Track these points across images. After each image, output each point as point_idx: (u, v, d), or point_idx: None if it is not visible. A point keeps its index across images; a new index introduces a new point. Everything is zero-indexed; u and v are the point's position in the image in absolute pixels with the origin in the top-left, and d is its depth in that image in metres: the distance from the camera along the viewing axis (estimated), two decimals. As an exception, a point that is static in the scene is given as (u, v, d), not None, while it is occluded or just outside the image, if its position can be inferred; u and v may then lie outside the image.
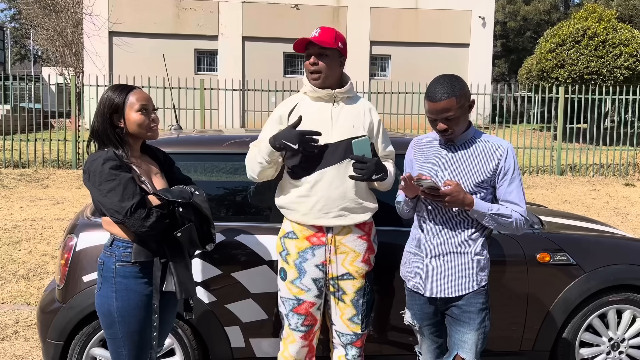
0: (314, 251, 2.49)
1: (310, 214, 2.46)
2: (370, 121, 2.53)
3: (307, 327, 2.53)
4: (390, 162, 2.60)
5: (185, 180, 2.35)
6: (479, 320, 2.28)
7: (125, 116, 2.16)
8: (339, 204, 2.44)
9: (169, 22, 21.09)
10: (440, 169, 2.28)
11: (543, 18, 35.15)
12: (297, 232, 2.51)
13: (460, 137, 2.27)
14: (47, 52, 23.69)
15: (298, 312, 2.52)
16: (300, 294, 2.50)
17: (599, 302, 3.05)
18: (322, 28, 2.45)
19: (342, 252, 2.50)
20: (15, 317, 4.18)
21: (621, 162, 12.92)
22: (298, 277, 2.50)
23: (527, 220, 2.28)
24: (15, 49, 48.72)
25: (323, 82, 2.45)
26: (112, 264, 2.13)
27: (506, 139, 13.56)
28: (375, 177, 2.36)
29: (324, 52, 2.42)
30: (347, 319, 2.54)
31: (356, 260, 2.52)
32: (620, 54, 16.72)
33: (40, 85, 13.14)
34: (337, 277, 2.51)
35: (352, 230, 2.50)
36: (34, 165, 12.01)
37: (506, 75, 38.79)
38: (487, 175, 2.23)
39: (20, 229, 6.81)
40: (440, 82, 2.18)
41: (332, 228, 2.48)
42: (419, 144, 2.43)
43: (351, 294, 2.53)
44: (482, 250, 2.30)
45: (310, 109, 2.49)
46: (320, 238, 2.48)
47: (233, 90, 12.58)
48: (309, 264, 2.49)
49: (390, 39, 21.92)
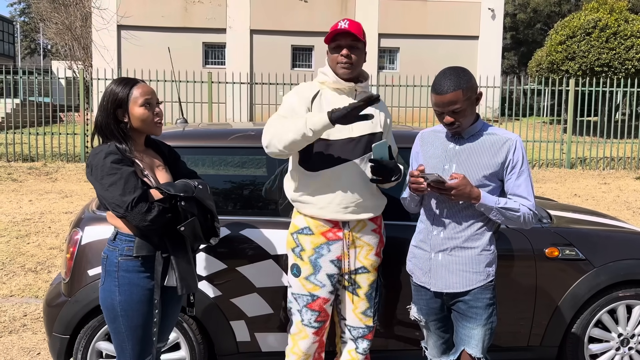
0: (329, 246, 2.47)
1: (328, 207, 2.42)
2: (384, 117, 2.53)
3: (320, 322, 2.52)
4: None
5: (190, 174, 2.34)
6: (486, 315, 2.26)
7: (129, 111, 2.14)
8: (356, 198, 2.43)
9: (177, 16, 21.09)
10: (447, 162, 2.25)
11: (554, 10, 34.77)
12: (312, 228, 2.47)
13: (468, 130, 2.24)
14: (56, 46, 23.78)
15: (312, 308, 2.50)
16: (314, 290, 2.48)
17: (608, 297, 3.01)
18: (350, 20, 2.42)
19: (357, 246, 2.50)
20: (24, 310, 4.20)
21: (632, 155, 12.78)
22: (313, 273, 2.48)
23: (536, 215, 2.25)
24: (25, 42, 49.01)
25: (352, 74, 2.43)
26: (116, 258, 2.12)
27: (515, 131, 13.46)
28: (393, 179, 2.36)
29: (355, 45, 2.40)
30: (360, 312, 2.55)
31: (370, 254, 2.52)
32: (632, 45, 16.51)
33: (49, 79, 13.20)
34: (353, 272, 2.51)
35: (366, 225, 2.51)
36: (43, 159, 12.08)
37: (516, 67, 38.47)
38: (494, 168, 2.19)
39: (29, 222, 6.85)
40: (446, 75, 2.15)
41: (349, 223, 2.47)
42: (425, 136, 2.40)
43: (365, 288, 2.53)
44: (490, 245, 2.27)
45: (334, 100, 2.46)
46: (337, 233, 2.46)
47: (241, 84, 12.56)
48: (324, 260, 2.47)
49: (398, 31, 21.79)
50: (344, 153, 2.40)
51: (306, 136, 2.25)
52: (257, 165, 3.57)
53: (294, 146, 2.30)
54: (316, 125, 2.23)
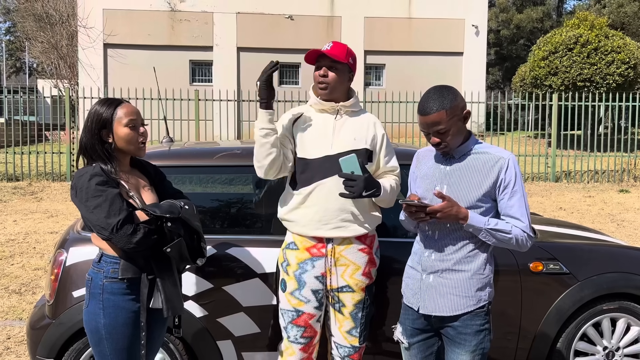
0: (313, 262, 2.48)
1: (309, 225, 2.45)
2: (374, 135, 2.52)
3: (306, 339, 2.51)
4: (391, 178, 2.56)
5: (176, 195, 2.33)
6: (476, 342, 2.19)
7: (113, 131, 2.14)
8: (337, 214, 2.43)
9: (163, 34, 21.13)
10: (438, 183, 2.21)
11: (536, 26, 35.39)
12: (297, 243, 2.51)
13: (459, 149, 2.19)
14: (42, 65, 23.70)
15: (297, 323, 2.50)
16: (299, 306, 2.49)
17: (593, 310, 3.04)
18: (335, 42, 2.49)
19: (342, 264, 2.49)
20: (7, 332, 4.14)
21: (615, 168, 12.96)
22: (297, 288, 2.49)
23: (531, 237, 2.16)
24: (10, 61, 48.72)
25: (330, 94, 2.47)
26: (100, 280, 2.11)
27: (501, 146, 13.58)
28: (365, 194, 2.33)
29: (334, 65, 2.44)
30: (345, 331, 2.53)
31: (356, 273, 2.50)
32: (613, 61, 16.84)
33: (35, 97, 13.13)
34: (337, 289, 2.49)
35: (352, 242, 2.49)
36: (28, 178, 11.96)
37: (500, 82, 38.98)
38: (487, 188, 2.14)
39: (14, 242, 6.76)
40: (430, 95, 2.13)
41: (333, 239, 2.47)
42: (421, 156, 2.37)
43: (350, 307, 2.51)
44: (483, 269, 2.19)
45: (314, 120, 2.51)
46: (320, 249, 2.48)
47: (228, 101, 12.58)
48: (309, 276, 2.48)
49: (384, 48, 22.01)
50: (322, 170, 2.43)
51: (260, 138, 2.40)
52: (244, 184, 3.57)
53: (262, 156, 2.42)
54: (258, 123, 2.40)
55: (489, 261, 2.23)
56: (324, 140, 2.45)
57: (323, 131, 2.47)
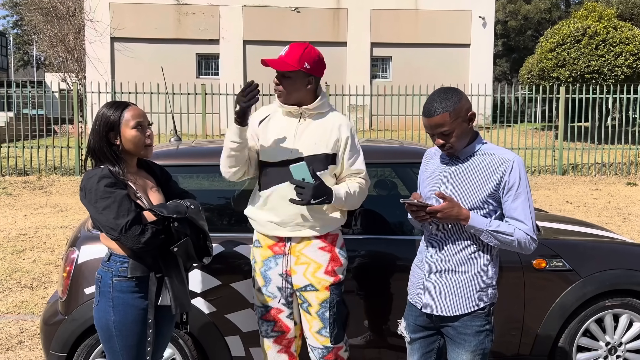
0: (276, 260, 2.54)
1: (267, 225, 2.52)
2: (337, 138, 2.49)
3: (277, 332, 2.57)
4: (354, 181, 2.54)
5: (182, 194, 2.38)
6: (476, 342, 2.20)
7: (121, 133, 2.19)
8: (294, 218, 2.46)
9: (170, 27, 21.17)
10: (443, 184, 2.23)
11: (544, 17, 35.09)
12: (261, 241, 2.58)
13: (464, 151, 2.20)
14: (50, 58, 23.80)
15: (267, 319, 2.57)
16: (267, 301, 2.56)
17: (595, 306, 3.07)
18: (291, 46, 2.43)
19: (302, 263, 2.52)
20: (20, 326, 4.23)
21: (623, 160, 12.90)
22: (264, 284, 2.56)
23: (534, 240, 2.15)
24: (18, 55, 48.95)
25: (286, 101, 2.48)
26: (110, 279, 2.17)
27: (508, 138, 13.57)
28: (314, 201, 2.34)
29: (285, 74, 2.42)
30: (315, 331, 2.54)
31: (318, 272, 2.51)
32: (621, 52, 16.71)
33: (43, 92, 13.22)
34: (301, 289, 2.53)
35: (312, 241, 2.50)
36: (38, 173, 12.08)
37: (508, 74, 38.74)
38: (490, 189, 2.14)
39: (24, 237, 6.87)
40: (434, 97, 2.15)
41: (292, 238, 2.51)
42: (428, 156, 2.39)
43: (316, 306, 2.52)
44: (485, 271, 2.20)
45: (279, 124, 2.52)
46: (281, 247, 2.53)
47: (234, 95, 12.62)
48: (273, 273, 2.54)
49: (390, 40, 21.94)
50: (280, 174, 2.45)
51: (229, 149, 2.43)
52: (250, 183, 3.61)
53: (231, 162, 2.46)
54: (229, 134, 2.41)
55: (492, 263, 2.24)
56: (285, 145, 2.47)
57: (285, 135, 2.48)
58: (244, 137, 2.40)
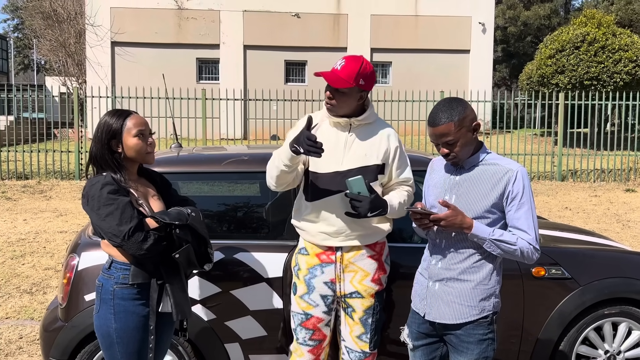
0: (323, 268, 2.54)
1: (318, 236, 2.52)
2: (387, 148, 2.51)
3: (315, 341, 2.57)
4: (402, 190, 2.57)
5: (182, 202, 2.40)
6: (478, 351, 2.22)
7: (122, 141, 2.21)
8: (345, 229, 2.48)
9: (170, 32, 21.23)
10: (447, 193, 2.26)
11: (543, 23, 35.19)
12: (308, 249, 2.57)
13: (469, 160, 2.23)
14: (50, 62, 23.85)
15: (306, 326, 2.57)
16: (308, 309, 2.55)
17: (594, 315, 3.08)
18: (347, 61, 2.39)
19: (351, 271, 2.53)
20: (19, 332, 4.23)
21: (622, 167, 12.93)
22: (307, 292, 2.55)
23: (537, 250, 2.18)
24: (19, 58, 49.03)
25: (337, 113, 2.47)
26: (111, 286, 2.18)
27: (507, 144, 13.59)
28: (370, 214, 2.36)
29: (340, 90, 2.40)
30: (355, 336, 2.58)
31: (365, 280, 2.54)
32: (620, 59, 16.76)
33: (43, 95, 13.24)
34: (346, 295, 2.55)
35: (361, 250, 2.53)
36: (38, 177, 12.09)
37: (507, 79, 38.83)
38: (494, 199, 2.17)
39: (24, 242, 6.87)
40: (439, 107, 2.18)
41: (342, 247, 2.52)
42: (433, 165, 2.42)
43: (360, 312, 2.56)
44: (488, 280, 2.23)
45: (328, 134, 2.50)
46: (330, 256, 2.53)
47: (234, 100, 12.66)
48: (318, 281, 2.54)
49: (390, 45, 22.00)
50: (332, 185, 2.46)
51: (281, 169, 2.40)
52: (251, 189, 3.63)
53: (281, 180, 2.45)
54: (283, 158, 2.38)
55: (496, 272, 2.26)
56: (335, 156, 2.47)
57: (335, 146, 2.48)
58: (295, 162, 2.39)
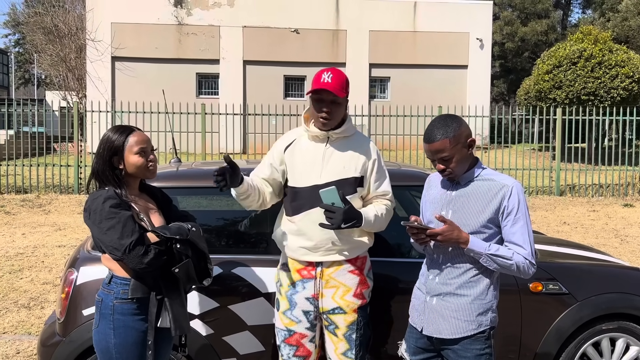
0: (304, 284, 2.53)
1: (298, 251, 2.52)
2: (365, 161, 2.52)
3: (299, 358, 2.57)
4: (380, 203, 2.56)
5: (182, 217, 2.42)
6: None
7: (124, 158, 2.23)
8: (325, 243, 2.47)
9: (170, 47, 21.40)
10: (444, 208, 2.28)
11: (541, 39, 35.50)
12: (289, 264, 2.58)
13: (464, 176, 2.26)
14: (51, 77, 23.97)
15: (290, 342, 2.56)
16: (291, 325, 2.55)
17: (592, 330, 3.08)
18: (334, 72, 2.43)
19: (332, 286, 2.52)
20: (17, 347, 4.21)
21: (620, 182, 12.97)
22: (289, 308, 2.55)
23: (533, 265, 2.20)
24: (19, 73, 49.29)
25: (329, 126, 2.49)
26: (111, 301, 2.19)
27: (505, 159, 13.64)
28: (344, 225, 2.34)
29: (336, 100, 2.43)
30: (340, 353, 2.56)
31: (347, 295, 2.53)
32: (617, 75, 16.90)
33: (43, 110, 13.31)
34: (329, 312, 2.54)
35: (342, 265, 2.52)
36: (37, 191, 12.09)
37: (505, 95, 39.06)
38: (490, 214, 2.19)
39: (22, 256, 6.86)
40: (435, 124, 2.21)
41: (322, 262, 2.51)
42: (430, 181, 2.45)
43: (343, 328, 2.54)
44: (485, 294, 2.25)
45: (307, 148, 2.54)
46: (310, 272, 2.53)
47: (234, 115, 12.72)
48: (300, 297, 2.54)
49: (389, 61, 22.20)
50: (310, 199, 2.46)
51: (238, 199, 2.48)
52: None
53: (243, 203, 2.51)
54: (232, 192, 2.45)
55: (493, 287, 2.27)
56: (313, 169, 2.48)
57: (313, 160, 2.50)
58: (242, 190, 2.42)
